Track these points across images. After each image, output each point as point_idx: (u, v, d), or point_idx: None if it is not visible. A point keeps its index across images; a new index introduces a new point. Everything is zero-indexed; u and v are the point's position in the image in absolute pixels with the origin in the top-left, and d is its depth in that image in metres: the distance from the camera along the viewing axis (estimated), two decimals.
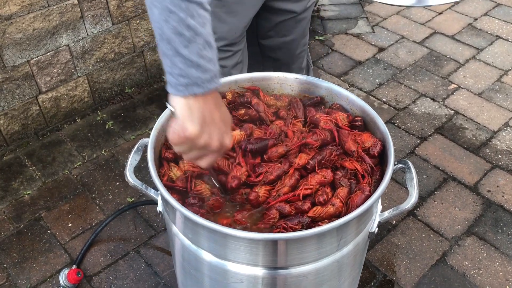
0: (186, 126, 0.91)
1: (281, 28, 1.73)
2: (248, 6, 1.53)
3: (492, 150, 2.39)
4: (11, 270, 1.91)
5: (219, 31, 1.53)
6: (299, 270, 1.10)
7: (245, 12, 1.54)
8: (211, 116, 0.92)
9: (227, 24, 1.53)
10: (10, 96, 2.29)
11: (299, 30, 1.75)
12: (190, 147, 0.95)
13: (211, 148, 0.95)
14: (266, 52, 1.84)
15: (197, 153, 0.97)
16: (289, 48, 1.80)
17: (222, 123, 0.96)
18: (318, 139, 1.20)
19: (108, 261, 1.94)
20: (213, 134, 0.94)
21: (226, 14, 1.50)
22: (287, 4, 1.64)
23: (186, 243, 1.14)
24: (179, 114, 0.91)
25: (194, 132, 0.91)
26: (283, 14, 1.67)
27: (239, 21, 1.54)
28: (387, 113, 2.62)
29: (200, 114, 0.91)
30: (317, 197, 1.12)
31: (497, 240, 2.00)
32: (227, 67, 1.63)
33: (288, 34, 1.75)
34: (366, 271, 1.90)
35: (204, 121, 0.91)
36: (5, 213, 2.12)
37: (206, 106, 0.91)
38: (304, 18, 1.73)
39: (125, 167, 1.20)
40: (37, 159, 2.36)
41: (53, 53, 2.34)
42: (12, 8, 2.11)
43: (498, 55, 3.01)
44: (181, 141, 0.93)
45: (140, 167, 2.22)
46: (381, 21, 3.36)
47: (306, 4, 1.68)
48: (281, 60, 1.84)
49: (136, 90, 2.77)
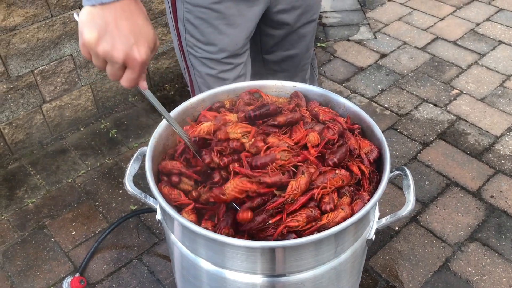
0: (83, 31, 0.91)
1: (284, 43, 1.73)
2: (249, 18, 1.53)
3: (495, 155, 2.39)
4: (15, 278, 1.93)
5: (220, 43, 1.53)
6: (297, 277, 1.10)
7: (246, 24, 1.54)
8: (116, 25, 0.91)
9: (228, 36, 1.53)
10: (14, 106, 2.32)
11: (303, 44, 1.75)
12: (95, 57, 0.94)
13: (113, 58, 0.92)
14: (270, 65, 1.85)
15: (103, 64, 0.95)
16: (293, 61, 1.81)
17: (132, 34, 0.92)
18: (334, 133, 1.18)
19: (111, 268, 1.95)
20: (116, 43, 0.91)
21: (226, 26, 1.50)
22: (283, 15, 1.64)
23: (184, 251, 1.14)
24: (80, 21, 0.92)
25: (90, 38, 0.90)
26: (283, 26, 1.67)
27: (240, 32, 1.54)
28: (389, 119, 2.62)
29: (102, 21, 0.90)
30: (324, 205, 1.08)
31: (501, 246, 1.99)
32: (228, 80, 1.62)
33: (291, 48, 1.75)
34: (369, 278, 1.89)
35: (104, 29, 0.90)
36: (10, 221, 2.14)
37: (111, 15, 0.90)
38: (307, 32, 1.73)
39: (124, 175, 1.22)
40: (41, 168, 2.38)
41: (57, 63, 2.37)
42: (16, 19, 2.14)
43: (501, 60, 3.01)
44: (81, 48, 0.93)
45: (143, 175, 2.23)
46: (383, 27, 3.37)
47: (300, 16, 1.66)
48: (284, 73, 1.85)
49: (139, 98, 2.79)
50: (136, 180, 2.05)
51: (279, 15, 1.61)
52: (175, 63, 2.87)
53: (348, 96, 2.79)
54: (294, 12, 1.61)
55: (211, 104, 1.37)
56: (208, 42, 1.52)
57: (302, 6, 1.60)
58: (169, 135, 1.28)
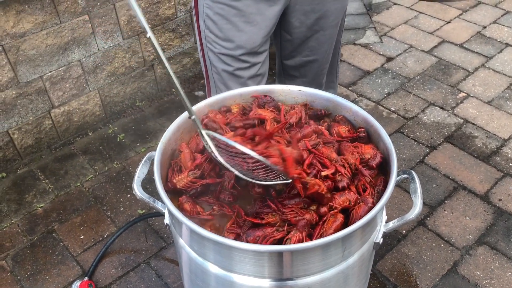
0: None
1: (303, 48, 1.74)
2: (268, 17, 1.55)
3: (502, 158, 2.38)
4: (25, 282, 1.95)
5: (237, 40, 1.55)
6: (305, 281, 1.11)
7: (264, 23, 1.55)
8: None
9: (245, 33, 1.54)
10: (24, 111, 2.35)
11: (322, 50, 1.76)
12: None
13: None
14: (288, 71, 1.86)
15: None
16: (311, 67, 1.81)
17: None
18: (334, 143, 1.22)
19: (119, 273, 1.96)
20: None
21: (244, 24, 1.52)
22: (302, 17, 1.65)
23: (193, 255, 1.15)
24: None
25: None
26: (301, 30, 1.67)
27: (258, 30, 1.56)
28: (396, 122, 2.62)
29: None
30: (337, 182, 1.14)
31: (509, 249, 1.98)
32: (243, 78, 1.63)
33: (310, 54, 1.76)
34: (376, 282, 1.89)
35: None
36: (19, 226, 2.16)
37: None
38: (327, 38, 1.73)
39: (133, 180, 1.23)
40: (50, 172, 2.40)
41: (65, 68, 2.40)
42: (25, 26, 2.16)
43: (508, 62, 3.00)
44: None
45: (151, 179, 2.25)
46: (389, 30, 3.37)
47: (318, 20, 1.66)
48: (302, 78, 1.86)
49: (147, 103, 2.81)
50: (144, 184, 2.06)
51: (298, 17, 1.62)
52: (182, 68, 2.89)
53: (355, 100, 2.79)
54: (313, 15, 1.62)
55: (218, 108, 1.38)
56: (226, 38, 1.54)
57: (322, 10, 1.61)
58: (177, 139, 1.29)
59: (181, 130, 1.31)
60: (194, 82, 2.96)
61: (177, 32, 2.74)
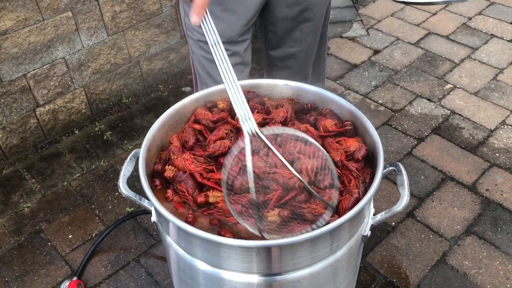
0: None
1: (287, 40, 1.74)
2: (247, 6, 1.54)
3: (489, 149, 2.40)
4: (12, 283, 1.92)
5: (215, 28, 1.54)
6: (294, 275, 1.11)
7: (244, 12, 1.55)
8: None
9: (224, 22, 1.54)
10: (7, 110, 2.31)
11: (306, 42, 1.76)
12: None
13: None
14: (275, 61, 1.86)
15: None
16: (296, 58, 1.81)
17: None
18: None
19: (108, 271, 1.95)
20: None
21: (223, 12, 1.52)
22: (285, 9, 1.64)
23: (180, 252, 1.14)
24: None
25: None
26: (284, 22, 1.67)
27: (237, 20, 1.55)
28: (383, 115, 2.63)
29: None
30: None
31: (497, 238, 1.99)
32: None
33: (295, 45, 1.76)
34: (366, 274, 1.90)
35: None
36: (6, 226, 2.13)
37: None
38: (311, 30, 1.73)
39: (118, 178, 1.21)
40: (36, 172, 2.37)
41: (50, 66, 2.36)
42: (7, 23, 2.13)
43: (493, 53, 3.02)
44: None
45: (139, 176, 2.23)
46: (375, 23, 3.37)
47: (302, 12, 1.66)
48: (288, 69, 1.85)
49: (133, 100, 2.79)
50: (132, 182, 2.05)
51: (281, 9, 1.61)
52: (168, 63, 2.87)
53: (342, 93, 2.79)
54: (296, 7, 1.61)
55: (204, 104, 1.37)
56: None
57: (305, 2, 1.61)
58: (162, 136, 1.28)
59: (167, 127, 1.29)
60: (181, 78, 2.94)
61: (163, 28, 2.72)
